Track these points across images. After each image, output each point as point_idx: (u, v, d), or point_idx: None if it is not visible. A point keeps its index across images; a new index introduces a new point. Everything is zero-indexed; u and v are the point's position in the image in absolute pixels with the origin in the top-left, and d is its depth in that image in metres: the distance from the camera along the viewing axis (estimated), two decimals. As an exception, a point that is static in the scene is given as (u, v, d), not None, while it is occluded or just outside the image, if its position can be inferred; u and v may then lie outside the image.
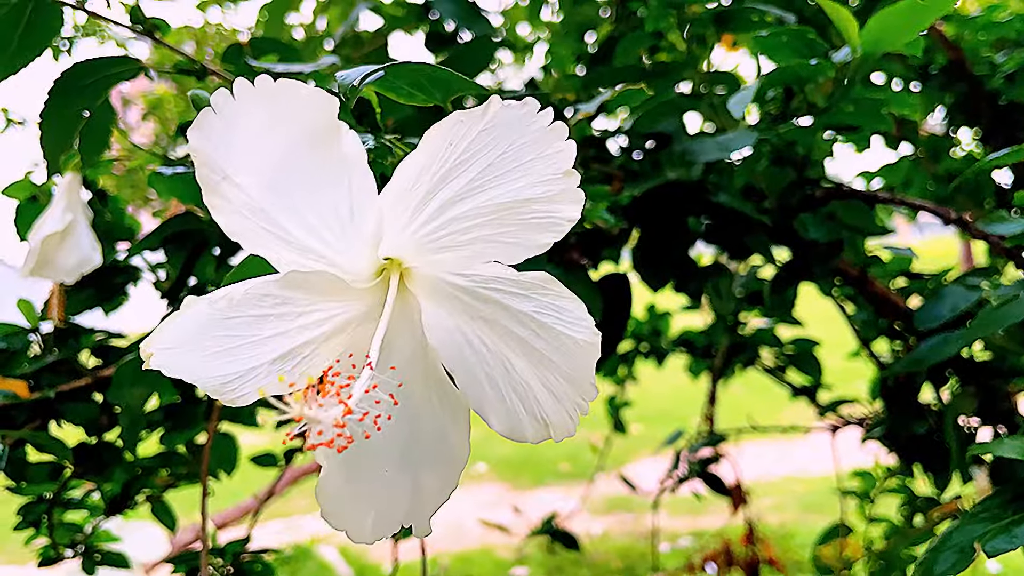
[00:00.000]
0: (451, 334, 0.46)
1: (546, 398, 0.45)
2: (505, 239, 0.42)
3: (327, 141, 0.41)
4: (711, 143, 0.87)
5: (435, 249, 0.43)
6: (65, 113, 0.80)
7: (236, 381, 0.43)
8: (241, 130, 0.40)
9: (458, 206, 0.42)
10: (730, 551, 1.66)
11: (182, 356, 0.42)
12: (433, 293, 0.46)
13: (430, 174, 0.41)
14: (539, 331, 0.44)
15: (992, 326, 0.77)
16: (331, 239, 0.43)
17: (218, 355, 0.42)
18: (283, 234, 0.42)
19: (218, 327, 0.42)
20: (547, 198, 0.41)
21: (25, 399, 0.87)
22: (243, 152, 0.40)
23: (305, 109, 0.40)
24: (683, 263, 1.00)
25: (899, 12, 0.69)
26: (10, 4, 0.77)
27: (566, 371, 0.44)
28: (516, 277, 0.44)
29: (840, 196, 1.02)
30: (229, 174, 0.40)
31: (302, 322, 0.44)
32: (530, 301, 0.44)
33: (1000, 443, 0.65)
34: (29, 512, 0.97)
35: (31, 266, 0.86)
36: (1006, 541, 0.59)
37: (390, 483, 0.48)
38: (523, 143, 0.40)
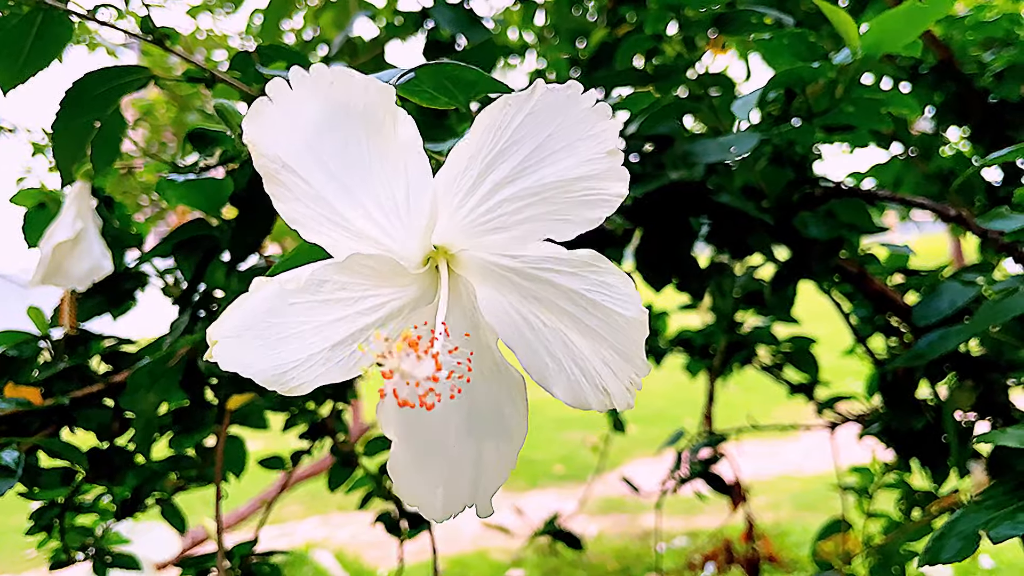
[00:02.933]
0: (507, 313, 0.47)
1: (604, 370, 0.46)
2: (556, 217, 0.43)
3: (384, 127, 0.42)
4: (713, 144, 0.89)
5: (488, 230, 0.44)
6: (77, 123, 0.80)
7: (294, 370, 0.43)
8: (298, 119, 0.41)
9: (509, 187, 0.43)
10: (730, 549, 1.67)
11: (244, 346, 0.42)
12: (485, 276, 0.47)
13: (480, 157, 0.42)
14: (589, 308, 0.45)
15: (992, 320, 0.79)
16: (388, 224, 0.44)
17: (280, 342, 0.43)
18: (341, 220, 0.43)
19: (281, 313, 0.43)
20: (595, 175, 0.42)
21: (38, 406, 0.88)
22: (301, 140, 0.41)
23: (362, 96, 0.41)
24: (685, 262, 1.02)
25: (899, 15, 0.70)
26: (20, 15, 0.78)
27: (618, 346, 0.46)
28: (564, 255, 0.45)
29: (839, 194, 1.04)
30: (288, 163, 0.41)
31: (360, 307, 0.45)
32: (579, 279, 0.45)
33: (1002, 433, 0.66)
34: (41, 516, 0.98)
35: (43, 275, 0.87)
36: (1010, 528, 0.60)
37: (455, 459, 0.49)
38: (569, 124, 0.41)
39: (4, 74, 0.77)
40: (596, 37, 1.58)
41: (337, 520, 4.60)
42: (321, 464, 3.48)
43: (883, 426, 1.25)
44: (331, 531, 4.47)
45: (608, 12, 1.54)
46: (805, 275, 1.12)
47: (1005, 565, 3.41)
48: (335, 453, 1.19)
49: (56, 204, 0.96)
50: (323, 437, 1.17)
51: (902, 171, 1.75)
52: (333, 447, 1.18)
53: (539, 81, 0.41)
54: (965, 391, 1.10)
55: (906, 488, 1.34)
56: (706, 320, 1.70)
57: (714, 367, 1.63)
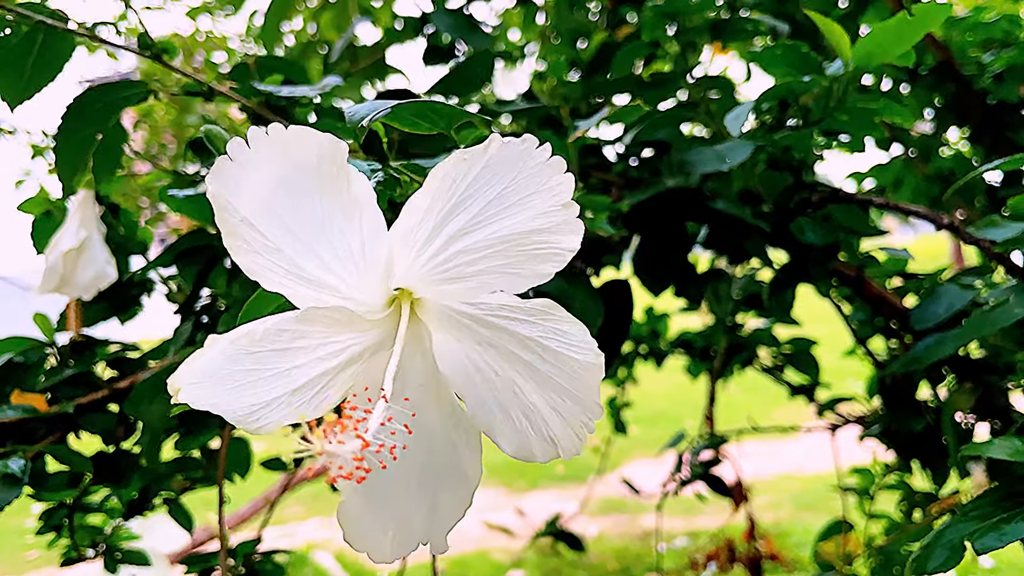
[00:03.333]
0: (460, 360, 0.48)
1: (554, 419, 0.47)
2: (509, 270, 0.44)
3: (338, 183, 0.43)
4: (710, 153, 0.89)
5: (443, 280, 0.45)
6: (78, 135, 0.82)
7: (258, 412, 0.44)
8: (256, 176, 0.42)
9: (464, 240, 0.44)
10: (732, 548, 1.68)
11: (207, 390, 0.43)
12: (442, 321, 0.48)
13: (436, 210, 0.43)
14: (544, 355, 0.46)
15: (985, 328, 0.79)
16: (344, 275, 0.45)
17: (241, 387, 0.44)
18: (299, 271, 0.44)
19: (240, 362, 0.44)
20: (548, 229, 0.43)
21: (44, 413, 0.89)
22: (259, 196, 0.42)
23: (315, 154, 0.42)
24: (683, 268, 1.02)
25: (890, 28, 0.71)
26: (22, 33, 0.79)
27: (572, 392, 0.46)
28: (521, 304, 0.46)
29: (836, 200, 1.05)
30: (246, 216, 0.42)
31: (319, 353, 0.46)
32: (535, 326, 0.46)
33: (990, 444, 0.67)
34: (51, 517, 0.99)
35: (49, 284, 0.88)
36: (995, 539, 0.61)
37: (407, 505, 0.50)
38: (523, 178, 0.42)
39: (9, 91, 0.79)
40: (597, 38, 1.58)
41: (338, 521, 4.60)
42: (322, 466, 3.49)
43: (883, 428, 1.26)
44: (332, 532, 4.47)
45: (609, 13, 1.55)
46: (803, 279, 1.13)
47: (1006, 565, 3.41)
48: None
49: (61, 212, 0.97)
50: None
51: (902, 172, 1.75)
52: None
53: (495, 135, 0.42)
54: (964, 393, 1.10)
55: (907, 489, 1.34)
56: (707, 322, 1.71)
57: (715, 368, 1.64)
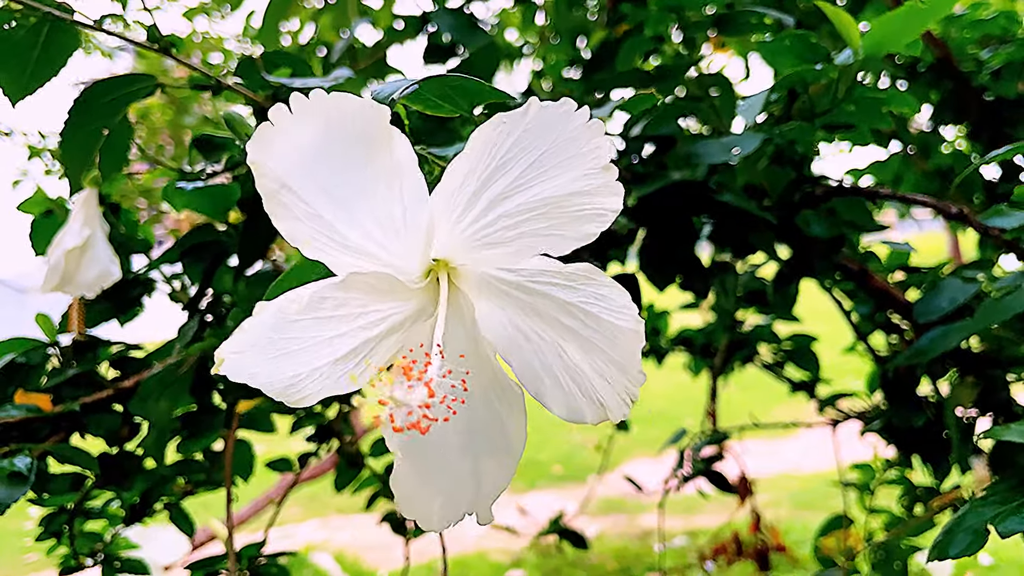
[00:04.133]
0: (505, 327, 0.48)
1: (600, 383, 0.47)
2: (552, 232, 0.44)
3: (380, 148, 0.42)
4: (716, 145, 0.89)
5: (485, 245, 0.45)
6: (85, 132, 0.81)
7: (300, 382, 0.44)
8: (298, 142, 0.42)
9: (505, 203, 0.44)
10: (739, 541, 1.68)
11: (249, 359, 0.43)
12: (482, 289, 0.48)
13: (476, 174, 0.43)
14: (587, 320, 0.46)
15: (995, 318, 0.79)
16: (386, 241, 0.45)
17: (282, 357, 0.44)
18: (340, 239, 0.44)
19: (283, 330, 0.44)
20: (589, 191, 0.43)
21: (48, 412, 0.89)
22: (301, 162, 0.42)
23: (358, 119, 0.42)
24: (689, 261, 1.02)
25: (900, 16, 0.71)
26: (27, 26, 0.78)
27: (614, 357, 0.46)
28: (562, 269, 0.46)
29: (840, 193, 1.05)
30: (288, 183, 0.42)
31: (361, 322, 0.46)
32: (576, 292, 0.46)
33: (1007, 428, 0.67)
34: (51, 523, 0.98)
35: (53, 282, 0.87)
36: (1018, 522, 0.61)
37: (454, 473, 0.50)
38: (563, 140, 0.42)
39: (11, 86, 0.77)
40: (596, 37, 1.58)
41: (337, 522, 4.60)
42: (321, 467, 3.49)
43: (884, 423, 1.26)
44: (331, 533, 4.47)
45: (608, 11, 1.55)
46: (807, 273, 1.13)
47: (1004, 562, 3.42)
48: (341, 454, 1.19)
49: (63, 211, 0.96)
50: (330, 439, 1.18)
51: (901, 168, 1.76)
52: (339, 448, 1.19)
53: (533, 99, 0.42)
54: (966, 387, 1.10)
55: (908, 484, 1.34)
56: (707, 319, 1.71)
57: (716, 365, 1.63)
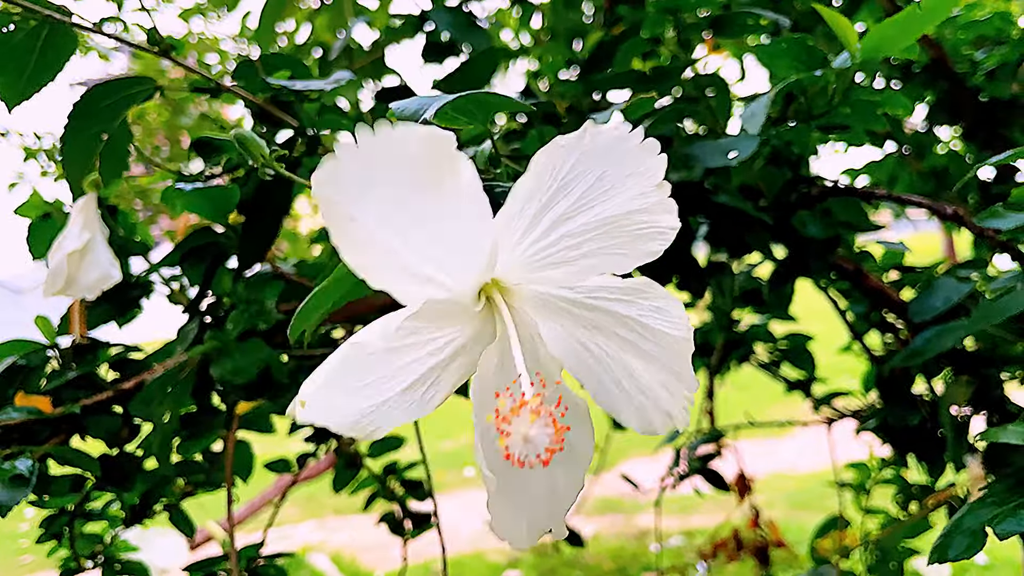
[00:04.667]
0: (570, 344, 0.49)
1: (663, 393, 0.48)
2: (615, 251, 0.45)
3: (444, 174, 0.42)
4: (714, 147, 0.90)
5: (549, 265, 0.46)
6: (85, 135, 0.81)
7: (371, 415, 0.44)
8: (366, 175, 0.41)
9: (568, 224, 0.45)
10: (739, 537, 1.69)
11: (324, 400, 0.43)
12: (540, 307, 0.49)
13: (538, 196, 0.44)
14: (644, 332, 0.47)
15: (991, 318, 0.80)
16: (451, 268, 0.45)
17: (356, 392, 0.44)
18: (407, 267, 0.44)
19: (358, 366, 0.44)
20: (647, 209, 0.44)
21: (48, 414, 0.89)
22: (369, 195, 0.42)
23: (425, 147, 0.42)
24: (685, 262, 1.03)
25: (898, 20, 0.72)
26: (26, 28, 0.78)
27: (672, 367, 0.48)
28: (619, 284, 0.47)
29: (836, 193, 1.06)
30: (355, 216, 0.42)
31: (428, 349, 0.46)
32: (634, 306, 0.47)
33: (1003, 429, 0.67)
34: (51, 524, 0.99)
35: (54, 285, 0.87)
36: (1015, 523, 0.61)
37: (536, 490, 0.50)
38: (620, 161, 0.44)
39: (8, 90, 0.77)
40: (593, 38, 1.58)
41: (334, 523, 4.60)
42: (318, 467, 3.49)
43: (879, 422, 1.26)
44: (328, 534, 4.47)
45: (605, 12, 1.55)
46: (803, 273, 1.13)
47: (1000, 562, 3.43)
48: (339, 454, 1.20)
49: (60, 214, 0.96)
50: (328, 440, 1.18)
51: (896, 169, 1.77)
52: (337, 448, 1.19)
53: (589, 122, 0.43)
54: (961, 386, 1.11)
55: (903, 483, 1.35)
56: (703, 318, 1.72)
57: (712, 364, 1.64)
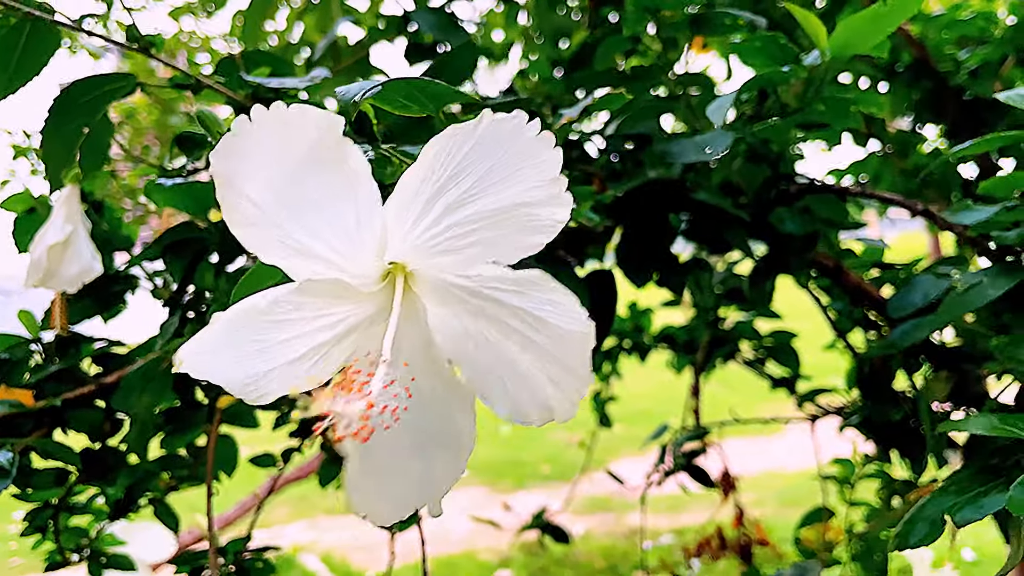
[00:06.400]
0: (455, 330, 0.49)
1: (548, 386, 0.48)
2: (501, 242, 0.46)
3: (336, 158, 0.44)
4: (690, 144, 0.91)
5: (436, 253, 0.47)
6: (65, 129, 0.81)
7: (257, 381, 0.46)
8: (257, 152, 0.43)
9: (457, 213, 0.45)
10: (722, 536, 1.70)
11: (208, 359, 0.45)
12: (436, 293, 0.49)
13: (429, 184, 0.45)
14: (536, 325, 0.48)
15: (959, 309, 0.81)
16: (341, 248, 0.46)
17: (241, 358, 0.46)
18: (297, 245, 0.46)
19: (240, 333, 0.46)
20: (538, 202, 0.45)
21: (31, 408, 0.89)
22: (259, 172, 0.44)
23: (314, 130, 0.43)
24: (665, 258, 1.04)
25: (865, 18, 0.73)
26: (8, 25, 0.79)
27: (564, 361, 0.48)
28: (512, 276, 0.47)
29: (814, 191, 1.07)
30: (247, 192, 0.44)
31: (316, 325, 0.47)
32: (526, 297, 0.47)
33: (967, 421, 0.69)
34: (35, 518, 0.99)
35: (35, 277, 0.88)
36: (974, 511, 0.62)
37: (405, 470, 0.51)
38: (514, 152, 0.44)
39: (-7, 86, 0.78)
40: (578, 38, 1.60)
41: (324, 523, 4.60)
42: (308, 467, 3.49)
43: (862, 418, 1.28)
44: (318, 534, 4.47)
45: (590, 13, 1.56)
46: (783, 270, 1.14)
47: (987, 558, 3.45)
48: (325, 450, 1.20)
49: (46, 208, 0.97)
50: (312, 435, 1.19)
51: (880, 168, 1.78)
52: (323, 444, 1.20)
53: (486, 111, 0.44)
54: (940, 381, 1.12)
55: (886, 478, 1.36)
56: (689, 316, 1.73)
57: (698, 362, 1.65)
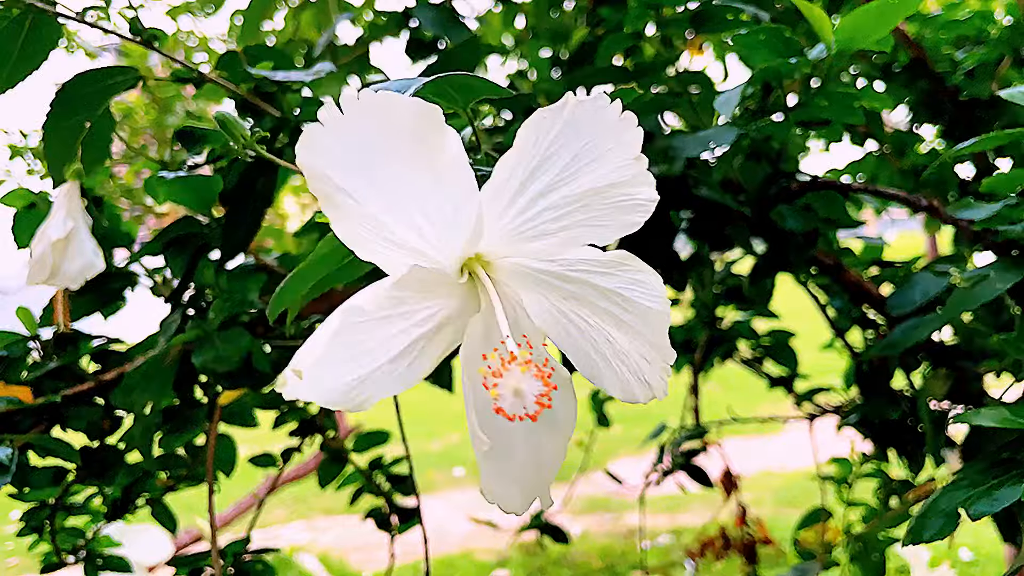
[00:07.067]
0: (553, 315, 0.49)
1: (643, 363, 0.49)
2: (596, 223, 0.46)
3: (431, 145, 0.43)
4: (693, 139, 0.91)
5: (531, 237, 0.47)
6: (68, 124, 0.81)
7: (359, 385, 0.44)
8: (349, 142, 0.42)
9: (550, 196, 0.45)
10: (726, 535, 1.69)
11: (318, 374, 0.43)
12: (522, 280, 0.49)
13: (521, 169, 0.45)
14: (625, 304, 0.48)
15: (963, 306, 0.81)
16: (438, 239, 0.45)
17: (346, 363, 0.44)
18: (393, 237, 0.44)
19: (349, 334, 0.44)
20: (626, 181, 0.45)
21: (29, 404, 0.89)
22: (353, 163, 0.42)
23: (411, 117, 0.42)
24: (667, 255, 1.04)
25: (870, 11, 0.73)
26: (10, 18, 0.79)
27: (651, 338, 0.48)
28: (599, 257, 0.47)
29: (815, 188, 1.07)
30: (342, 185, 0.42)
31: (413, 320, 0.46)
32: (614, 278, 0.48)
33: (977, 412, 0.68)
34: (32, 518, 0.98)
35: (37, 274, 0.87)
36: (988, 504, 0.62)
37: (525, 456, 0.51)
38: (600, 133, 0.44)
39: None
40: (576, 37, 1.60)
41: (322, 523, 4.59)
42: (305, 467, 3.49)
43: (861, 416, 1.28)
44: (316, 535, 4.46)
45: (588, 13, 1.56)
46: (783, 267, 1.14)
47: (984, 557, 3.46)
48: (325, 450, 1.20)
49: (46, 204, 0.96)
50: (313, 434, 1.18)
51: (877, 167, 1.78)
52: (323, 444, 1.19)
53: (569, 94, 0.43)
54: (939, 380, 1.12)
55: (884, 477, 1.36)
56: (687, 315, 1.73)
57: (696, 361, 1.65)
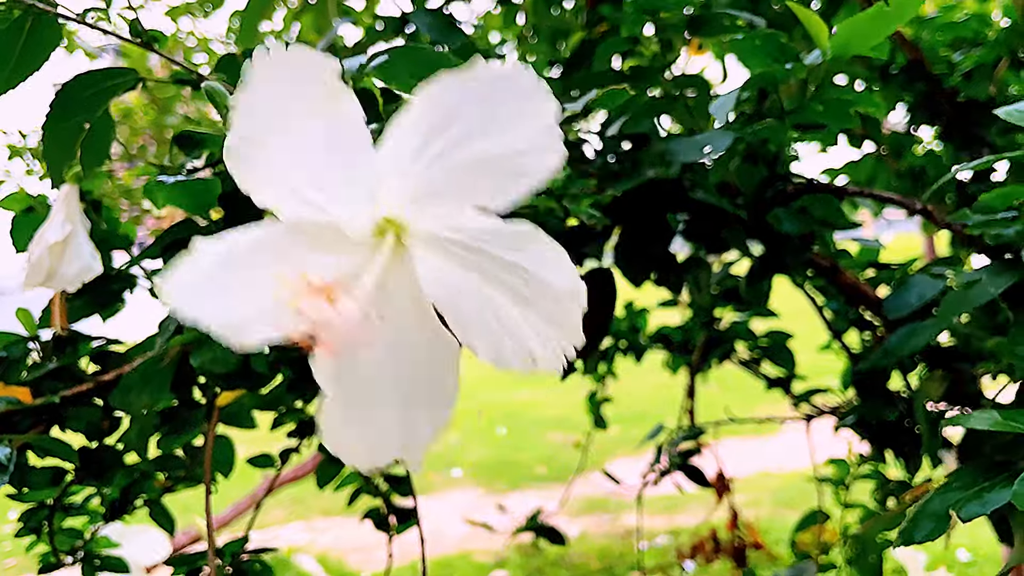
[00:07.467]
0: (445, 282, 0.49)
1: (534, 340, 0.48)
2: (493, 187, 0.46)
3: (331, 101, 0.44)
4: (689, 143, 0.91)
5: (427, 196, 0.47)
6: (67, 125, 0.81)
7: (246, 323, 0.46)
8: (258, 94, 0.44)
9: (447, 158, 0.45)
10: (716, 538, 1.70)
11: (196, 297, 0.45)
12: (427, 246, 0.49)
13: (422, 129, 0.45)
14: (526, 278, 0.47)
15: (958, 309, 0.82)
16: (334, 192, 0.46)
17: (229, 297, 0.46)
18: (292, 187, 0.46)
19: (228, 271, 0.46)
20: (531, 149, 0.44)
21: (28, 405, 0.89)
22: (259, 114, 0.44)
23: (312, 71, 0.44)
24: (663, 257, 1.04)
25: (866, 18, 0.73)
26: (10, 19, 0.79)
27: (551, 316, 0.47)
28: (505, 229, 0.47)
29: (811, 191, 1.07)
30: (248, 136, 0.44)
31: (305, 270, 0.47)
32: (519, 252, 0.47)
33: (970, 416, 0.69)
34: (30, 518, 0.99)
35: (35, 277, 0.87)
36: (979, 507, 0.62)
37: (385, 415, 0.51)
38: (507, 99, 0.44)
39: (-6, 81, 0.78)
40: (575, 37, 1.60)
41: (320, 524, 4.60)
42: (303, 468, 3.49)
43: (857, 418, 1.28)
44: (314, 535, 4.47)
45: (587, 12, 1.57)
46: (779, 269, 1.15)
47: (982, 558, 3.47)
48: (323, 451, 1.20)
49: (44, 208, 0.96)
50: (311, 435, 1.19)
51: (874, 169, 1.79)
52: (321, 444, 1.20)
53: (478, 56, 0.44)
54: (935, 381, 1.12)
55: (881, 479, 1.36)
56: (685, 316, 1.73)
57: (694, 362, 1.65)
